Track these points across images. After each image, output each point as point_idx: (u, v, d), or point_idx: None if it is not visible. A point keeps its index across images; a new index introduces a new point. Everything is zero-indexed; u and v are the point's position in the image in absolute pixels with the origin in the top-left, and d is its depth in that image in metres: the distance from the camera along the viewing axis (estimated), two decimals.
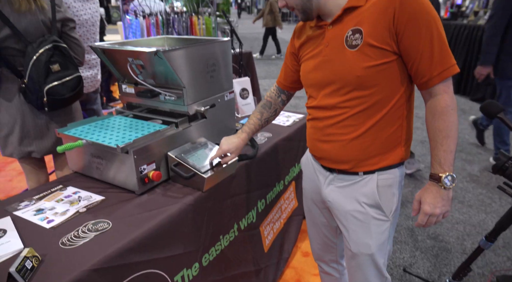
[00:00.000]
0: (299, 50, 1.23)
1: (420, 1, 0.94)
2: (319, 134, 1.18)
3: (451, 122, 0.99)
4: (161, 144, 1.34)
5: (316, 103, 1.15)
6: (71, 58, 1.66)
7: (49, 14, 1.59)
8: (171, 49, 1.31)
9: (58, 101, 1.62)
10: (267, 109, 1.43)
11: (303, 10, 1.08)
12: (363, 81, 1.01)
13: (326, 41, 1.08)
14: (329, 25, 1.07)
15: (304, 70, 1.19)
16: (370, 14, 0.98)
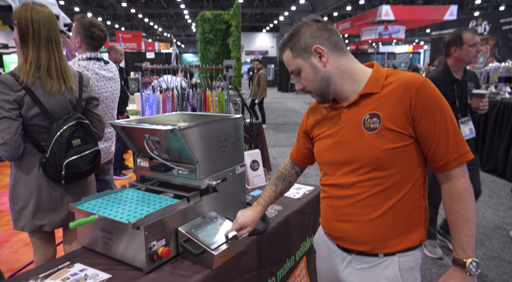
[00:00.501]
0: (312, 129, 1.29)
1: (433, 90, 1.03)
2: (336, 213, 1.17)
3: (470, 206, 1.02)
4: (172, 219, 1.34)
5: (333, 181, 1.17)
6: (91, 133, 1.75)
7: (76, 94, 1.72)
8: (186, 127, 1.37)
9: (75, 174, 1.67)
10: (281, 181, 1.46)
11: (321, 94, 1.15)
12: (383, 162, 1.05)
13: (343, 122, 1.14)
14: (345, 108, 1.14)
15: (319, 148, 1.23)
16: (387, 101, 1.06)
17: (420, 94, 1.02)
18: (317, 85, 1.14)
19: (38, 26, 1.56)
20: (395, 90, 1.05)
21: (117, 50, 4.62)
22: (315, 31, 1.12)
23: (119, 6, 24.06)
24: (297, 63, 1.14)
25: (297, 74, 1.16)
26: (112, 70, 2.30)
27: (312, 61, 1.12)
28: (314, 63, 1.12)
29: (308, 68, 1.13)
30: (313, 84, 1.14)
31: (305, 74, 1.14)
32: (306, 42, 1.11)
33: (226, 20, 8.64)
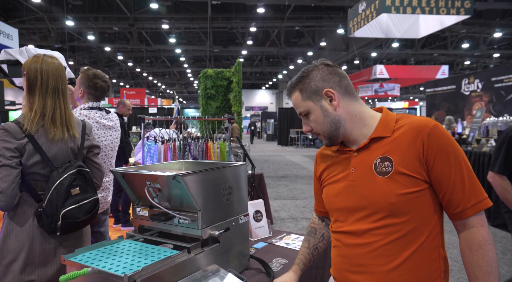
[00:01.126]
0: (322, 174, 1.26)
1: (445, 134, 1.02)
2: (349, 264, 1.10)
3: (490, 257, 0.96)
4: (171, 272, 1.25)
5: (345, 228, 1.12)
6: (91, 181, 1.70)
7: (79, 142, 1.70)
8: (189, 173, 1.34)
9: (72, 225, 1.59)
10: (312, 235, 1.40)
11: (330, 137, 1.14)
12: (397, 208, 1.01)
13: (352, 166, 1.11)
14: (355, 151, 1.12)
15: (328, 194, 1.20)
16: (399, 144, 1.04)
17: (433, 137, 1.00)
18: (326, 128, 1.13)
19: (47, 76, 1.59)
20: (407, 134, 1.04)
21: (126, 104, 4.79)
22: (326, 74, 1.13)
23: (125, 66, 25.19)
24: (307, 105, 1.14)
25: (305, 116, 1.16)
26: (113, 119, 2.31)
27: (322, 104, 1.12)
28: (325, 106, 1.12)
29: (318, 111, 1.12)
30: (322, 127, 1.13)
31: (314, 117, 1.13)
32: (317, 85, 1.12)
33: (228, 77, 8.98)
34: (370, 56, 22.24)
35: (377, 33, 10.62)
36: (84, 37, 18.52)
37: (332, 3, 14.32)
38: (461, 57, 22.27)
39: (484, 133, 6.33)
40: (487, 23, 16.46)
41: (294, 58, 24.94)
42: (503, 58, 22.25)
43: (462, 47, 19.47)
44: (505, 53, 20.51)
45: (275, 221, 5.18)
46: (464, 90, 10.99)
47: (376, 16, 9.16)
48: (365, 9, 9.74)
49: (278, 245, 1.96)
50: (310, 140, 19.30)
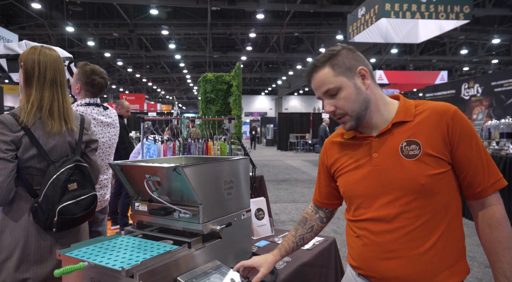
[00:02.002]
0: (334, 165, 1.23)
1: (465, 117, 1.06)
2: (379, 251, 1.07)
3: (509, 232, 0.99)
4: (170, 267, 1.20)
5: (371, 214, 1.09)
6: (90, 177, 1.65)
7: (76, 136, 1.66)
8: (189, 164, 1.29)
9: (69, 221, 1.54)
10: (302, 225, 1.36)
11: (357, 117, 1.11)
12: (427, 189, 1.02)
13: (374, 152, 1.10)
14: (376, 137, 1.11)
15: (347, 182, 1.16)
16: (424, 128, 1.06)
17: (456, 120, 1.04)
18: (357, 107, 1.10)
19: (45, 67, 1.55)
20: (430, 118, 1.06)
21: (124, 106, 4.74)
22: (357, 55, 1.13)
23: (125, 71, 25.23)
24: (339, 81, 1.10)
25: (334, 94, 1.11)
26: (111, 116, 2.25)
27: (355, 81, 1.10)
28: (358, 83, 1.10)
29: (351, 88, 1.10)
30: (354, 105, 1.10)
31: (346, 94, 1.10)
32: (351, 63, 1.11)
33: (227, 81, 8.96)
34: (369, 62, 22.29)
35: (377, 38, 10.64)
36: (84, 43, 18.56)
37: (331, 9, 14.36)
38: (459, 63, 22.34)
39: (486, 136, 6.30)
40: (485, 29, 16.53)
41: (293, 64, 25.00)
42: (502, 64, 22.33)
43: (461, 53, 19.53)
44: (503, 59, 20.58)
45: (276, 224, 5.12)
46: (464, 95, 10.98)
47: (375, 21, 9.18)
48: (364, 14, 9.76)
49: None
50: (309, 145, 19.25)
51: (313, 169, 11.68)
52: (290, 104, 33.13)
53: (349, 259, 1.22)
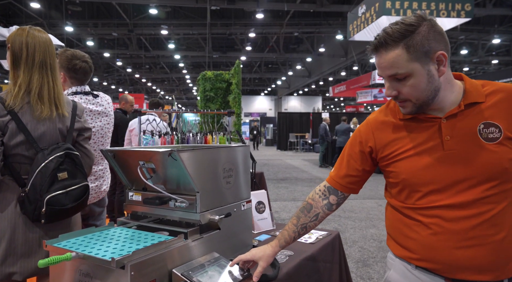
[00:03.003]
0: (384, 148, 1.11)
1: None
2: (456, 240, 0.98)
3: None
4: (165, 259, 1.12)
5: (445, 201, 1.00)
6: (81, 166, 1.57)
7: (68, 123, 1.57)
8: (186, 149, 1.21)
9: (58, 212, 1.45)
10: (305, 213, 1.24)
11: (421, 105, 1.02)
12: (510, 172, 0.96)
13: (446, 135, 1.01)
14: (444, 118, 1.02)
15: (410, 168, 1.05)
16: (501, 110, 1.00)
17: None
18: (424, 96, 1.00)
19: (33, 49, 1.47)
20: (506, 99, 1.01)
21: (128, 100, 4.61)
22: (438, 34, 0.98)
23: (124, 72, 25.15)
24: (412, 67, 0.97)
25: (401, 79, 1.00)
26: (103, 104, 2.12)
27: (430, 69, 0.98)
28: (432, 71, 0.98)
29: (423, 76, 0.98)
30: (421, 94, 0.99)
31: (415, 82, 0.98)
32: (430, 46, 0.96)
33: (227, 79, 8.88)
34: (369, 62, 22.23)
35: None
36: (83, 43, 18.46)
37: (331, 8, 14.30)
38: (459, 63, 22.28)
39: None
40: (485, 29, 16.47)
41: (293, 64, 24.94)
42: (502, 65, 22.27)
43: (461, 54, 19.47)
44: (503, 59, 20.51)
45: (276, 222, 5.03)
46: None
47: (376, 19, 9.10)
48: (365, 12, 9.70)
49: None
50: (309, 144, 19.17)
51: (313, 168, 11.60)
52: (289, 105, 33.06)
53: (400, 252, 1.11)
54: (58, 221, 1.50)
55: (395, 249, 1.14)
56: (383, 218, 5.31)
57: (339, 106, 43.30)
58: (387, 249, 3.95)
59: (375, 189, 7.82)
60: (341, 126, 10.90)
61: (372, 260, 3.61)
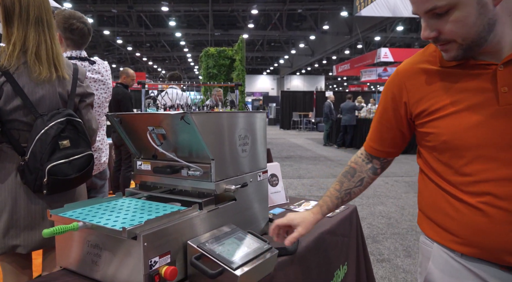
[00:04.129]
0: (420, 102, 0.92)
1: None
2: None
3: None
4: (179, 230, 1.03)
5: (500, 173, 0.80)
6: (85, 134, 1.46)
7: (69, 87, 1.46)
8: (201, 112, 1.11)
9: (61, 183, 1.36)
10: (348, 177, 1.11)
11: (470, 47, 0.80)
12: None
13: (503, 85, 0.80)
14: (501, 65, 0.81)
15: (453, 127, 0.86)
16: None
17: None
18: (474, 33, 0.78)
19: (27, 4, 1.34)
20: None
21: (129, 74, 4.41)
22: None
23: (125, 50, 24.76)
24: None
25: (442, 14, 0.79)
26: (100, 71, 1.98)
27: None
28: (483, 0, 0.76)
29: (471, 6, 0.76)
30: (469, 30, 0.78)
31: (462, 15, 0.77)
32: None
33: (230, 56, 8.68)
34: (373, 40, 21.77)
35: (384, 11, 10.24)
36: None
37: None
38: None
39: None
40: None
41: (296, 43, 24.47)
42: None
43: None
44: None
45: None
46: None
47: None
48: None
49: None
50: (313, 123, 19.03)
51: (317, 147, 11.52)
52: (292, 84, 32.69)
53: (438, 235, 0.93)
54: (61, 192, 1.42)
55: (431, 231, 0.95)
56: (390, 195, 5.25)
57: (342, 85, 42.83)
58: (396, 226, 3.94)
59: None
60: (346, 104, 10.73)
61: (381, 237, 3.56)
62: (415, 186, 5.90)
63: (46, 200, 1.40)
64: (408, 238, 3.53)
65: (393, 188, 5.70)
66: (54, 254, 1.51)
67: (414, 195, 5.25)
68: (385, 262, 2.96)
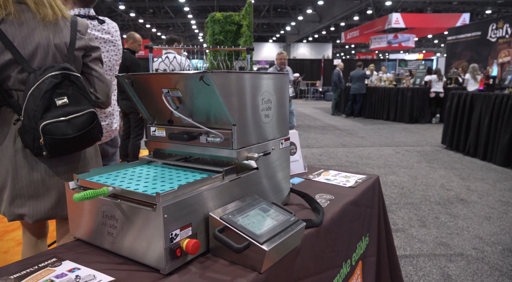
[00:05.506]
0: None
1: None
2: None
3: None
4: (201, 200, 0.95)
5: None
6: (85, 90, 1.31)
7: (67, 39, 1.32)
8: (221, 71, 0.99)
9: (60, 143, 1.22)
10: None
11: None
12: None
13: None
14: None
15: None
16: None
17: None
18: None
19: None
20: None
21: (136, 39, 4.22)
22: None
23: (128, 16, 24.10)
24: None
25: None
26: (110, 31, 1.84)
27: None
28: None
29: None
30: None
31: None
32: None
33: (237, 21, 8.36)
34: (384, 6, 20.91)
35: None
36: None
37: None
38: (481, 6, 20.86)
39: None
40: None
41: (303, 8, 23.59)
42: None
43: None
44: None
45: None
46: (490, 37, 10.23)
47: None
48: None
49: (318, 181, 1.66)
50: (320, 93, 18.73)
51: (325, 116, 11.37)
52: (299, 52, 31.92)
53: None
54: (64, 155, 1.31)
55: None
56: (402, 165, 5.17)
57: (350, 53, 41.78)
58: (409, 195, 3.88)
59: (390, 136, 7.63)
60: (357, 72, 10.45)
61: (395, 207, 3.51)
62: (427, 155, 5.81)
63: (48, 165, 1.30)
64: (422, 208, 3.48)
65: (405, 158, 5.61)
66: (67, 225, 1.45)
67: (426, 165, 5.16)
68: (399, 232, 2.92)
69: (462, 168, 5.00)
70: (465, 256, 2.53)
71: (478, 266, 2.40)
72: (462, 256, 2.54)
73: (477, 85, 8.07)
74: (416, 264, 2.42)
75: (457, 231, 2.95)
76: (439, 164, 5.21)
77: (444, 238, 2.82)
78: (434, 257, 2.52)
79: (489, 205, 3.56)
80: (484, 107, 5.53)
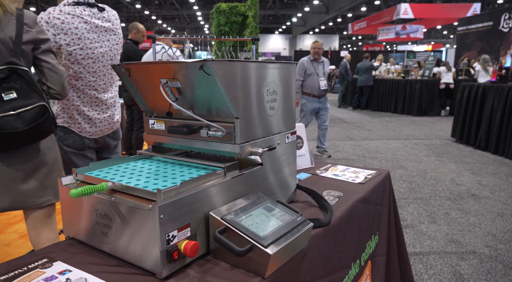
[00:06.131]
0: None
1: None
2: None
3: None
4: (200, 199, 0.88)
5: None
6: (34, 84, 1.30)
7: (12, 33, 1.29)
8: (223, 59, 0.92)
9: (10, 137, 1.22)
10: None
11: None
12: None
13: None
14: None
15: None
16: None
17: None
18: None
19: None
20: None
21: (140, 29, 4.14)
22: None
23: (133, 8, 23.98)
24: None
25: None
26: (111, 19, 1.77)
27: None
28: None
29: None
30: None
31: None
32: None
33: (242, 12, 8.24)
34: None
35: None
36: None
37: None
38: None
39: None
40: None
41: None
42: None
43: None
44: None
45: None
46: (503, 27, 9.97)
47: None
48: None
49: (325, 176, 1.59)
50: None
51: (331, 109, 11.22)
52: (305, 44, 31.57)
53: None
54: (15, 148, 1.31)
55: None
56: (410, 158, 5.07)
57: (356, 45, 41.26)
58: (418, 190, 3.78)
59: (398, 129, 7.50)
60: (364, 64, 10.28)
61: (403, 201, 3.43)
62: (436, 149, 5.69)
63: (0, 160, 1.31)
64: (431, 203, 3.39)
65: (413, 151, 5.50)
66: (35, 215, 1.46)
67: (435, 159, 5.05)
68: (408, 228, 2.84)
69: (473, 162, 4.88)
70: (478, 254, 2.45)
71: (492, 264, 2.32)
72: (475, 254, 2.46)
73: (489, 76, 7.88)
74: (426, 262, 2.35)
75: (469, 228, 2.86)
76: (449, 158, 5.10)
77: (455, 235, 2.74)
78: (445, 255, 2.44)
79: (502, 201, 3.46)
80: (496, 99, 5.38)
